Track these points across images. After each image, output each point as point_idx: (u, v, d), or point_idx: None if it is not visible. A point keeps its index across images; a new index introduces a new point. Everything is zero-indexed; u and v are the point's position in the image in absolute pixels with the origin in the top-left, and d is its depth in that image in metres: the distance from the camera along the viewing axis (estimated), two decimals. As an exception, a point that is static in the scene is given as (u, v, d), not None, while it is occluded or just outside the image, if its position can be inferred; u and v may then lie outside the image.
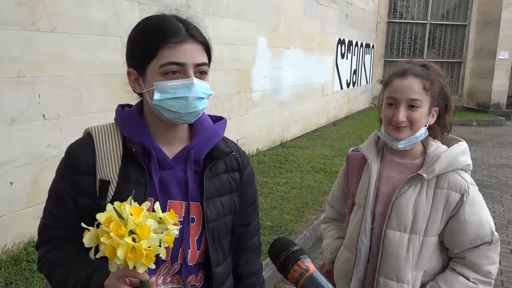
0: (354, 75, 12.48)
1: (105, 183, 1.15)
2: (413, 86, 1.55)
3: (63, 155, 1.23)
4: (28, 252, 3.28)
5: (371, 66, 14.25)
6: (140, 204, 1.02)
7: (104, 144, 1.18)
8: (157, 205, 1.03)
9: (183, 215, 1.20)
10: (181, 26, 1.16)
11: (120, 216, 0.97)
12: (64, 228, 1.19)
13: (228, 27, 6.10)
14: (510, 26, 14.05)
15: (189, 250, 1.21)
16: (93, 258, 1.00)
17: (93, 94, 3.88)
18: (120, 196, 1.12)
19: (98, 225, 0.99)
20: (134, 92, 1.23)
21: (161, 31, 1.14)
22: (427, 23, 14.86)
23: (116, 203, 0.99)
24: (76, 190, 1.17)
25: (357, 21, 12.10)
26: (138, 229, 0.96)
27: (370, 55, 13.97)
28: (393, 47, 15.03)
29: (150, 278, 1.05)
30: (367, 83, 13.94)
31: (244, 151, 1.41)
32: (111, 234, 0.94)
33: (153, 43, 1.13)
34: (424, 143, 1.65)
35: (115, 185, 1.15)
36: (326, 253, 1.86)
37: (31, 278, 3.02)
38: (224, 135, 1.36)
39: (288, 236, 4.12)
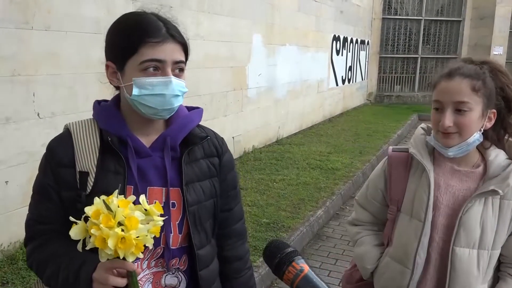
0: (350, 72, 12.49)
1: (84, 174, 1.19)
2: (460, 88, 1.41)
3: (45, 151, 1.26)
4: (24, 251, 3.26)
5: (366, 63, 14.27)
6: (119, 193, 1.06)
7: (82, 138, 1.23)
8: (142, 198, 1.06)
9: (163, 200, 1.24)
10: (161, 25, 1.19)
11: (108, 208, 1.00)
12: (50, 223, 1.22)
13: (222, 24, 6.09)
14: (504, 21, 14.11)
15: (171, 234, 1.24)
16: (80, 250, 1.03)
17: (88, 92, 3.87)
18: (100, 186, 1.17)
19: (85, 219, 1.02)
20: (111, 84, 1.26)
21: (142, 29, 1.17)
22: (421, 19, 14.88)
23: (103, 197, 1.02)
24: (59, 183, 1.21)
25: (352, 17, 12.10)
26: (127, 221, 1.00)
27: (365, 52, 13.98)
28: (388, 43, 15.05)
29: (136, 269, 1.08)
30: (362, 79, 13.96)
31: (222, 138, 1.44)
32: (101, 225, 0.98)
33: (134, 41, 1.16)
34: (480, 149, 1.52)
35: (93, 175, 1.18)
36: (364, 263, 1.69)
37: (28, 277, 3.02)
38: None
39: (284, 233, 4.13)
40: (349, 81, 12.51)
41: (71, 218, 1.03)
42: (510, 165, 1.48)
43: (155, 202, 1.10)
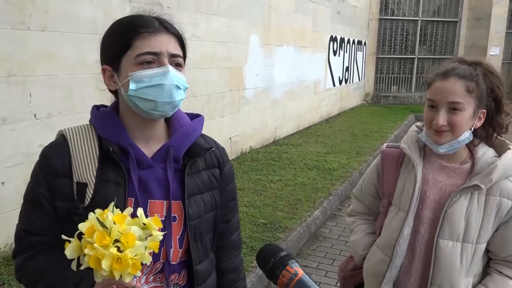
0: (347, 72, 12.51)
1: (83, 186, 1.13)
2: (455, 88, 1.46)
3: (38, 158, 1.20)
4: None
5: (363, 63, 14.29)
6: (120, 205, 0.99)
7: (79, 146, 1.16)
8: (140, 211, 1.00)
9: (164, 214, 1.19)
10: (154, 20, 1.17)
11: (103, 225, 0.94)
12: (43, 234, 1.16)
13: (219, 24, 6.09)
14: (501, 22, 14.17)
15: (171, 249, 1.20)
16: (75, 269, 0.97)
17: (85, 93, 3.86)
18: (99, 198, 1.11)
19: (79, 235, 0.96)
20: (109, 90, 1.22)
21: (134, 24, 1.15)
22: (418, 19, 14.91)
23: (98, 211, 0.96)
24: (53, 193, 1.15)
25: (349, 18, 12.13)
26: (123, 237, 0.93)
27: (362, 52, 14.00)
28: (385, 44, 15.07)
29: (135, 284, 1.03)
30: (359, 80, 13.98)
31: (223, 148, 1.40)
32: (95, 245, 0.91)
33: (127, 36, 1.13)
34: (469, 146, 1.58)
35: (92, 187, 1.12)
36: (357, 249, 1.78)
37: (24, 279, 3.00)
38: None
39: (281, 233, 4.13)
40: (346, 82, 12.53)
41: (64, 237, 0.96)
42: (495, 161, 1.52)
43: (154, 215, 1.03)
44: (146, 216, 1.01)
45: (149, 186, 1.18)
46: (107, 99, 1.29)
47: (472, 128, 1.52)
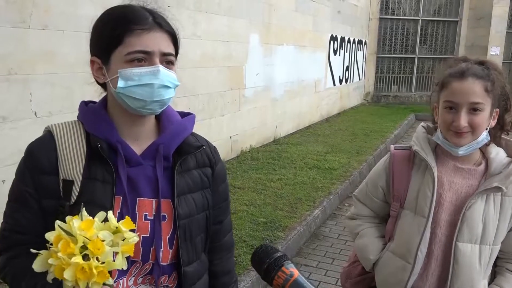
0: (347, 72, 12.50)
1: (69, 183, 1.09)
2: (475, 89, 1.44)
3: (23, 155, 1.16)
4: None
5: (364, 63, 14.29)
6: (107, 204, 0.96)
7: (66, 142, 1.13)
8: (110, 214, 0.95)
9: (153, 213, 1.16)
10: (147, 14, 1.13)
11: (68, 233, 0.89)
12: (28, 233, 1.12)
13: (220, 23, 6.09)
14: (501, 21, 14.16)
15: (161, 249, 1.16)
16: (50, 282, 0.93)
17: (85, 91, 3.84)
18: (85, 196, 1.08)
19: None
20: (97, 82, 1.19)
21: (127, 18, 1.11)
22: (419, 19, 14.91)
23: (68, 218, 0.91)
24: (39, 191, 1.12)
25: (349, 17, 12.12)
26: (90, 244, 0.88)
27: (362, 52, 13.99)
28: (385, 44, 15.07)
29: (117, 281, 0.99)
30: (359, 79, 13.97)
31: (215, 147, 1.37)
32: (59, 254, 0.86)
33: (119, 30, 1.10)
34: (481, 146, 1.56)
35: (79, 184, 1.09)
36: (367, 254, 1.71)
37: (24, 277, 3.00)
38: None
39: (282, 232, 4.13)
40: (346, 81, 12.52)
41: (32, 250, 0.91)
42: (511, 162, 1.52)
43: (126, 217, 0.98)
44: (136, 217, 0.97)
45: (138, 184, 1.15)
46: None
47: (488, 128, 1.51)
